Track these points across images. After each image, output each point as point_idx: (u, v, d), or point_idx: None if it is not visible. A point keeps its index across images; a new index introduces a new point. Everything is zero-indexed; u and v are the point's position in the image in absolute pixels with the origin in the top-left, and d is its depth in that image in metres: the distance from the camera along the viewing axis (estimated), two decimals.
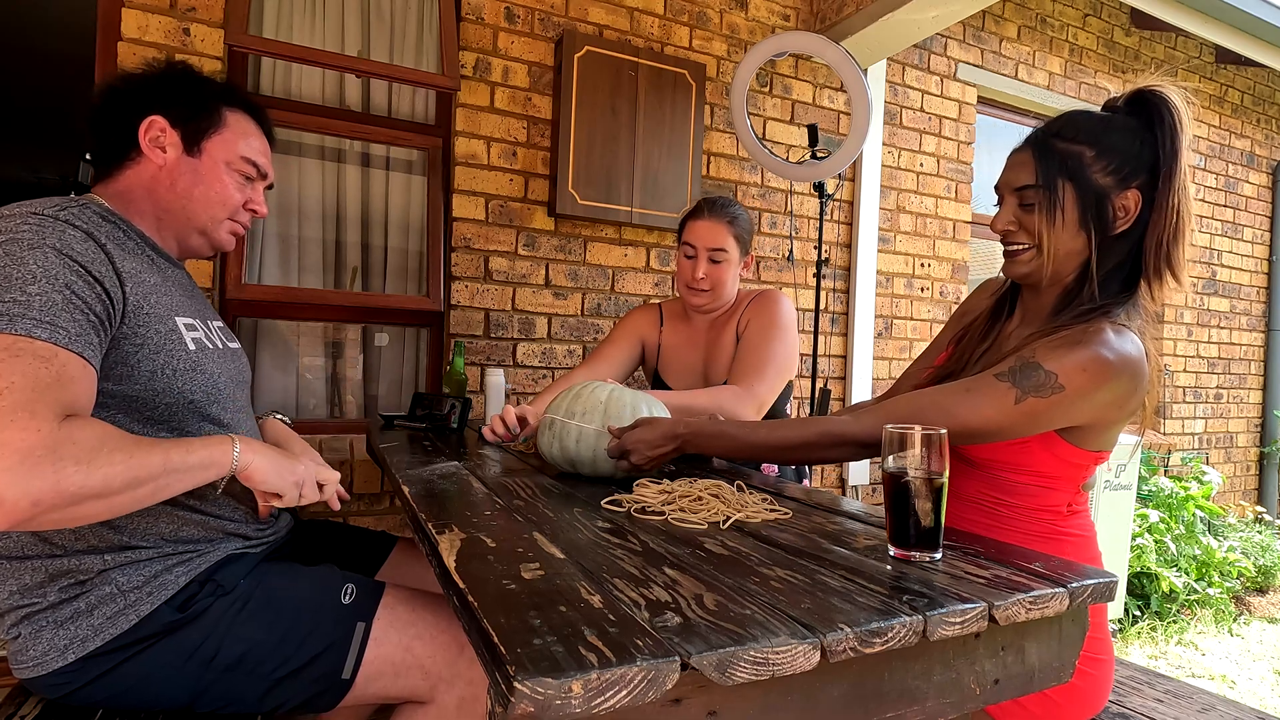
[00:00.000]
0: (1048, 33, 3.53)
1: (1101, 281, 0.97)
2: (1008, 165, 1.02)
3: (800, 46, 2.32)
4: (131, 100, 1.04)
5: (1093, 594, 0.72)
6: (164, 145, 1.03)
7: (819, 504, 1.06)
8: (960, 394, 0.94)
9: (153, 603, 0.92)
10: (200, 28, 1.94)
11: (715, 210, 1.68)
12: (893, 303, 3.14)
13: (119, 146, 1.03)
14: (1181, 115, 0.93)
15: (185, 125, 1.04)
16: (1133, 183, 0.94)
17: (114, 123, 1.04)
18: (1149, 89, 0.95)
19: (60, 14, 3.38)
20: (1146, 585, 3.07)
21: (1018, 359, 0.93)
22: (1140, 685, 1.22)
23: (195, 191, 1.05)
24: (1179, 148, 0.92)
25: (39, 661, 0.90)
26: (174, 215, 1.06)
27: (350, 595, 1.02)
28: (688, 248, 1.69)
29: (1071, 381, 0.88)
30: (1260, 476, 4.53)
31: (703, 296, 1.70)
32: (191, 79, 1.08)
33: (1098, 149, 0.94)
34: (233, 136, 1.09)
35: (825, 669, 0.57)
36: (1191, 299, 4.16)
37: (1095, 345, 0.89)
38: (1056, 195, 0.94)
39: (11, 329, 0.76)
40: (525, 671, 0.46)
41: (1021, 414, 0.90)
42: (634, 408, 1.18)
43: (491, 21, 2.33)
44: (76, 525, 0.79)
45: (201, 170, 1.06)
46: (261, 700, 0.96)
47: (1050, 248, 0.96)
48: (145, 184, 1.04)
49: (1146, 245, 0.94)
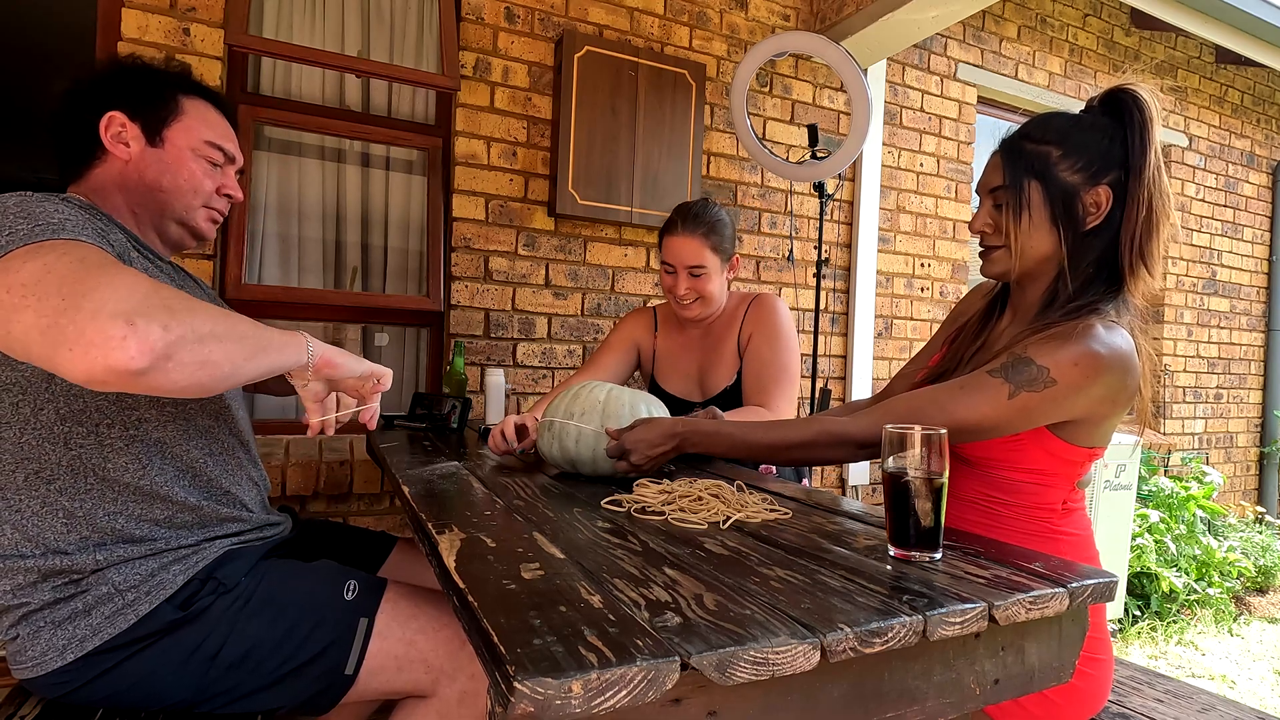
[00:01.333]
0: (1048, 33, 3.53)
1: (1088, 278, 0.98)
2: (985, 168, 1.05)
3: (800, 46, 2.32)
4: (88, 99, 1.04)
5: (1093, 594, 0.72)
6: (126, 140, 1.03)
7: (819, 504, 1.06)
8: (955, 391, 0.95)
9: (152, 601, 0.92)
10: (200, 28, 1.94)
11: (688, 224, 1.62)
12: (893, 303, 3.14)
13: (83, 147, 1.04)
14: (1151, 112, 0.93)
15: (144, 117, 1.04)
16: (1103, 179, 0.95)
17: (74, 124, 1.04)
18: (1121, 87, 0.96)
19: (60, 14, 3.38)
20: (1146, 585, 3.07)
21: (1009, 355, 0.94)
22: (1140, 685, 1.22)
23: (164, 181, 1.05)
24: (1149, 143, 0.93)
25: (38, 662, 0.90)
26: (148, 208, 1.06)
27: (352, 591, 1.02)
28: (666, 265, 1.66)
29: (1063, 376, 0.89)
30: (1260, 476, 4.53)
31: (691, 309, 1.68)
32: (144, 71, 1.08)
33: (1064, 148, 0.96)
34: (193, 123, 1.08)
35: (825, 669, 0.57)
36: (1191, 299, 4.16)
37: (1086, 340, 0.90)
38: (1024, 194, 0.97)
39: (57, 236, 0.75)
40: (525, 671, 0.46)
41: (1015, 409, 0.91)
42: (632, 407, 1.18)
43: (491, 21, 2.33)
44: (209, 375, 0.72)
45: (167, 159, 1.06)
46: (264, 697, 0.96)
47: (1017, 246, 0.99)
48: (115, 180, 1.04)
49: (1121, 240, 0.96)
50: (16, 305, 0.66)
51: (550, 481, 1.14)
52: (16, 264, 0.70)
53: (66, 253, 0.71)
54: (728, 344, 1.71)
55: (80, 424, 0.91)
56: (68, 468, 0.91)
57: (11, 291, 0.67)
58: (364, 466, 2.03)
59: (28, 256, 0.71)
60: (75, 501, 0.91)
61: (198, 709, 0.95)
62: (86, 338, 0.63)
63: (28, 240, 0.73)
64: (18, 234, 0.74)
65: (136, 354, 0.64)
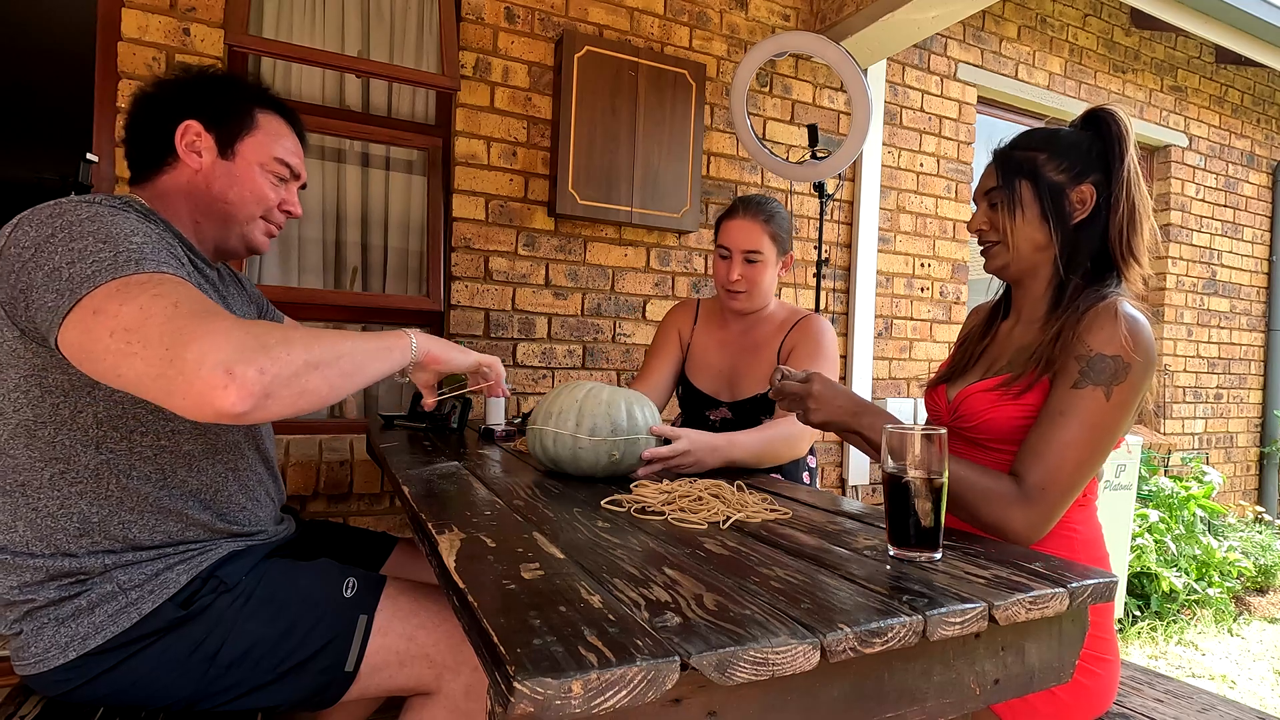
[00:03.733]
0: (1048, 33, 3.53)
1: (1086, 272, 1.07)
2: (981, 177, 1.16)
3: (800, 46, 2.32)
4: (166, 105, 1.05)
5: (1093, 594, 0.72)
6: (199, 149, 1.05)
7: (819, 504, 1.06)
8: (1059, 422, 0.96)
9: (155, 600, 0.92)
10: (200, 28, 1.94)
11: (750, 209, 1.63)
12: (893, 303, 3.14)
13: (155, 151, 1.05)
14: (1126, 126, 1.05)
15: (219, 128, 1.06)
16: (1086, 179, 1.05)
17: (150, 128, 1.05)
18: (1099, 108, 1.09)
19: (60, 14, 3.38)
20: (1146, 585, 3.07)
21: (1078, 360, 0.97)
22: (1140, 685, 1.22)
23: (231, 194, 1.07)
24: (1125, 150, 1.04)
25: (40, 658, 0.90)
26: (211, 218, 1.07)
27: (352, 589, 1.02)
28: (722, 249, 1.66)
29: (1131, 355, 0.95)
30: (1260, 476, 4.53)
31: (740, 299, 1.67)
32: (224, 82, 1.10)
33: (1050, 152, 1.07)
34: (265, 138, 1.10)
35: (825, 669, 0.57)
36: (1191, 299, 4.16)
37: (1125, 316, 0.97)
38: (1016, 193, 1.08)
39: (141, 269, 0.79)
40: (525, 671, 0.46)
41: (1117, 408, 0.95)
42: (610, 406, 1.16)
43: (491, 21, 2.33)
44: (308, 403, 0.79)
45: (236, 172, 1.07)
46: (264, 694, 0.96)
47: (1014, 240, 1.09)
48: (182, 188, 1.05)
49: (1110, 235, 1.05)
50: (124, 352, 0.73)
51: (550, 481, 1.14)
52: (113, 305, 0.75)
53: (159, 294, 0.76)
54: (766, 352, 1.69)
55: (116, 429, 0.92)
56: (93, 472, 0.92)
57: (115, 336, 0.73)
58: (364, 466, 2.03)
59: (122, 297, 0.76)
60: (93, 507, 0.92)
61: (198, 707, 0.95)
62: (195, 390, 0.71)
63: (114, 273, 0.78)
64: (103, 263, 0.78)
65: (237, 399, 0.71)
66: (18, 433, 0.89)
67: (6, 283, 0.83)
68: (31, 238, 0.81)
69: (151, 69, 1.88)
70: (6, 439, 0.90)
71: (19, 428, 0.89)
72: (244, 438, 1.08)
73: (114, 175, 1.87)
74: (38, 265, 0.80)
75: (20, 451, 0.90)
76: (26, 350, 0.86)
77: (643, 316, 2.59)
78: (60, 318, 0.77)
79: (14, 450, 0.90)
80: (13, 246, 0.82)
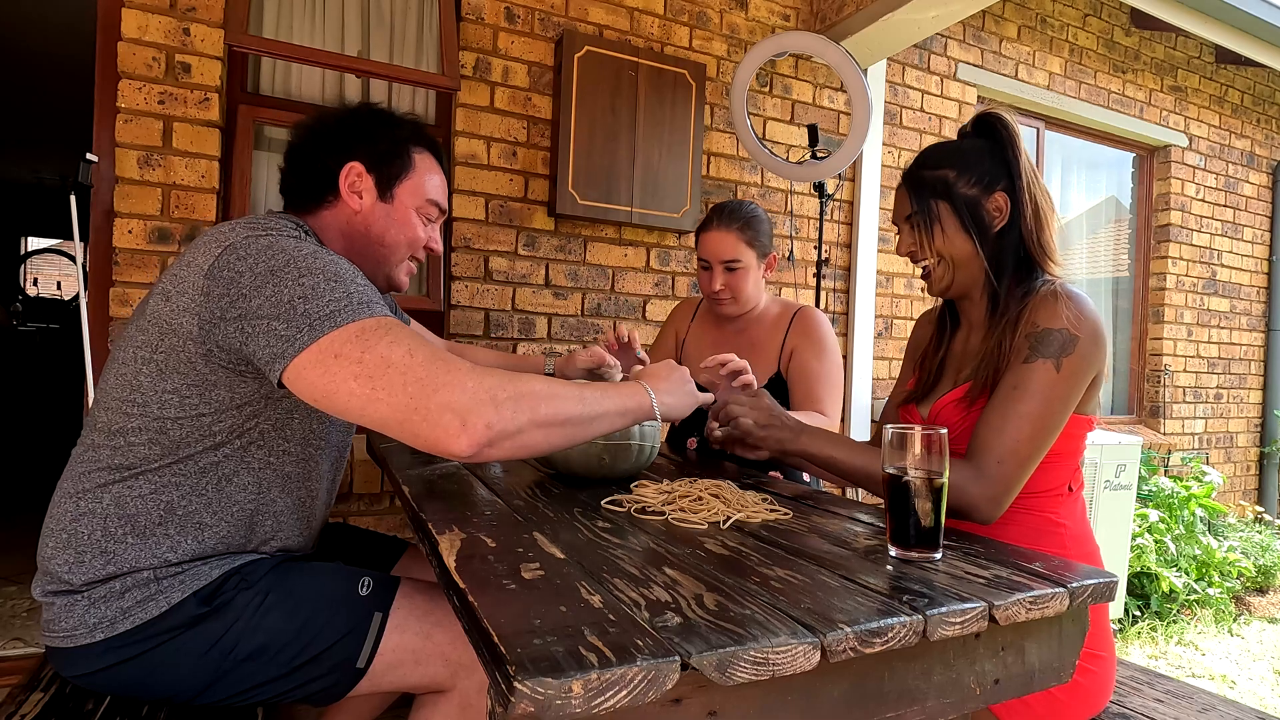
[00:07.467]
0: (1048, 33, 3.53)
1: (1014, 274, 1.10)
2: (895, 202, 1.20)
3: (800, 46, 2.32)
4: (332, 143, 1.07)
5: (1093, 594, 0.72)
6: (360, 190, 1.07)
7: (819, 504, 1.06)
8: (1013, 396, 0.98)
9: (183, 591, 0.93)
10: (200, 28, 1.94)
11: (723, 219, 1.63)
12: (893, 303, 3.14)
13: (319, 188, 1.07)
14: (1014, 129, 1.10)
15: (379, 171, 1.08)
16: (996, 187, 1.09)
17: (314, 164, 1.07)
18: (986, 112, 1.13)
19: (60, 14, 3.38)
20: (1146, 585, 3.07)
21: (1027, 337, 1.00)
22: (1140, 685, 1.22)
23: (388, 236, 1.09)
24: (1019, 153, 1.08)
25: (69, 634, 0.91)
26: (363, 256, 1.09)
27: (367, 587, 1.03)
28: (702, 261, 1.66)
29: (1076, 328, 0.98)
30: (1260, 476, 4.53)
31: (727, 306, 1.68)
32: (385, 121, 1.11)
33: (958, 169, 1.10)
34: (420, 180, 1.11)
35: (825, 669, 0.57)
36: (1191, 299, 4.16)
37: (1065, 294, 1.02)
38: (934, 213, 1.10)
39: (372, 313, 0.85)
40: (525, 671, 0.46)
41: (1068, 378, 0.98)
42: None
43: (491, 21, 2.33)
44: (527, 452, 0.85)
45: (394, 215, 1.09)
46: (273, 688, 0.97)
47: (947, 255, 1.11)
48: (341, 225, 1.07)
49: (1024, 235, 1.09)
50: (370, 398, 0.80)
51: (550, 481, 1.15)
52: (355, 351, 0.81)
53: (395, 341, 0.82)
54: (766, 349, 1.69)
55: (239, 436, 0.95)
56: (201, 469, 0.94)
57: (360, 381, 0.80)
58: (364, 466, 2.03)
59: (362, 344, 0.82)
60: (184, 500, 0.94)
61: (207, 699, 0.96)
62: (434, 434, 0.79)
63: (352, 315, 0.83)
64: (339, 303, 0.84)
65: (466, 446, 0.79)
66: (150, 425, 0.91)
67: (217, 304, 0.86)
68: (256, 267, 0.85)
69: (151, 69, 1.88)
70: (135, 427, 0.92)
71: (154, 421, 0.91)
72: (330, 467, 1.10)
73: (114, 175, 1.86)
74: (264, 296, 0.84)
75: (142, 444, 0.92)
76: (206, 366, 0.89)
77: (643, 316, 2.59)
78: (295, 350, 0.81)
79: (138, 441, 0.92)
80: (227, 271, 0.86)
